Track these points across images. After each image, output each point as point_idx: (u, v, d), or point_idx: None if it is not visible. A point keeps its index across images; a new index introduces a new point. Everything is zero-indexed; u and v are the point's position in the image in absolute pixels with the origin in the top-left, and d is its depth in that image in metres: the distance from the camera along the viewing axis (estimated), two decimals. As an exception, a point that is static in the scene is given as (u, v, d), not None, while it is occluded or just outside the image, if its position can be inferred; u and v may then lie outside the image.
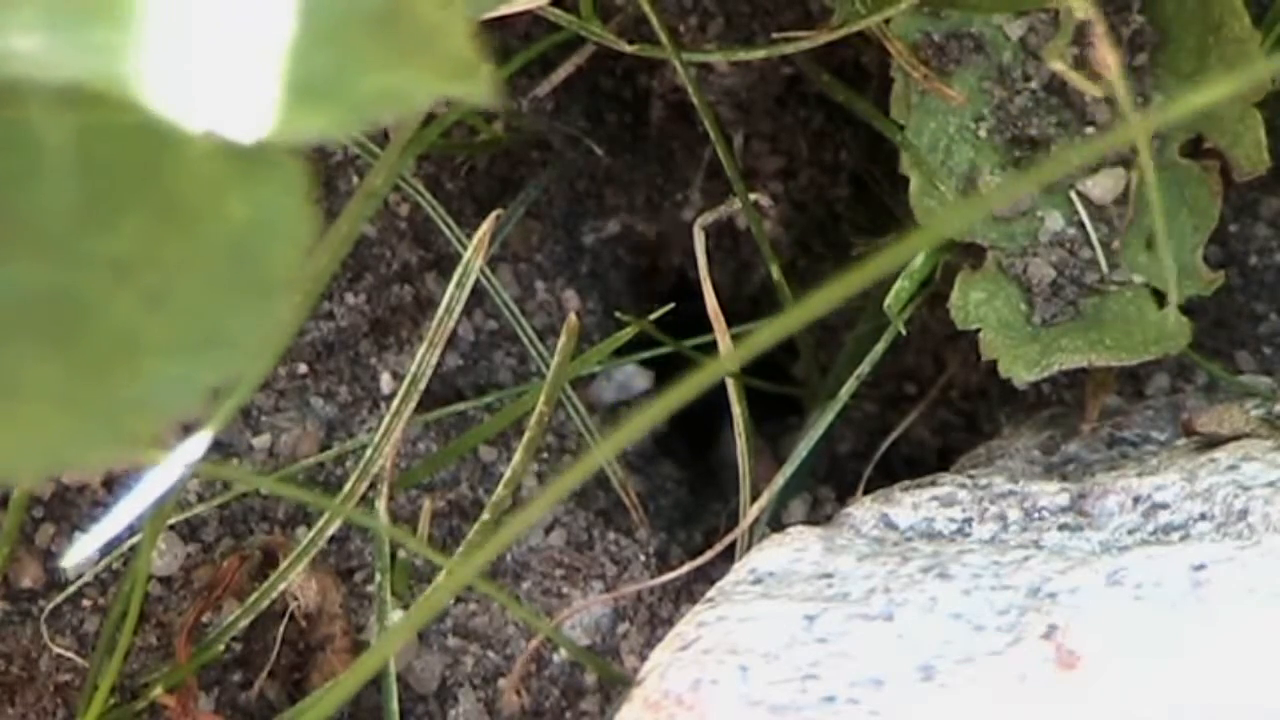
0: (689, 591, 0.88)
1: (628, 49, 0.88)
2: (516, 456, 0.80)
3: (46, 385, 0.37)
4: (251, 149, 0.36)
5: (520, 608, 0.85)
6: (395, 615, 0.80)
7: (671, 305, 0.90)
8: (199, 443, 0.63)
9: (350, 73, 0.36)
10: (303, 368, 0.90)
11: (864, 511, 0.78)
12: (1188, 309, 0.84)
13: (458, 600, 0.86)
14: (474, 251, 0.80)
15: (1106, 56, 0.59)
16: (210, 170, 0.37)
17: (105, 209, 0.37)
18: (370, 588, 0.86)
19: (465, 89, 0.37)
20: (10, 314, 0.37)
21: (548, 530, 0.90)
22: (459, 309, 0.81)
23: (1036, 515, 0.76)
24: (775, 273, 0.90)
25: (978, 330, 0.83)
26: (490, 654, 0.85)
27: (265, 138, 0.35)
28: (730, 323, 0.85)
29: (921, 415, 0.98)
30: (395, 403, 0.81)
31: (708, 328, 0.85)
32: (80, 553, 0.77)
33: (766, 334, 0.40)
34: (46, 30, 0.35)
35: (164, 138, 0.36)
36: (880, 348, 0.86)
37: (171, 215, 0.37)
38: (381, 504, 0.83)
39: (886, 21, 0.84)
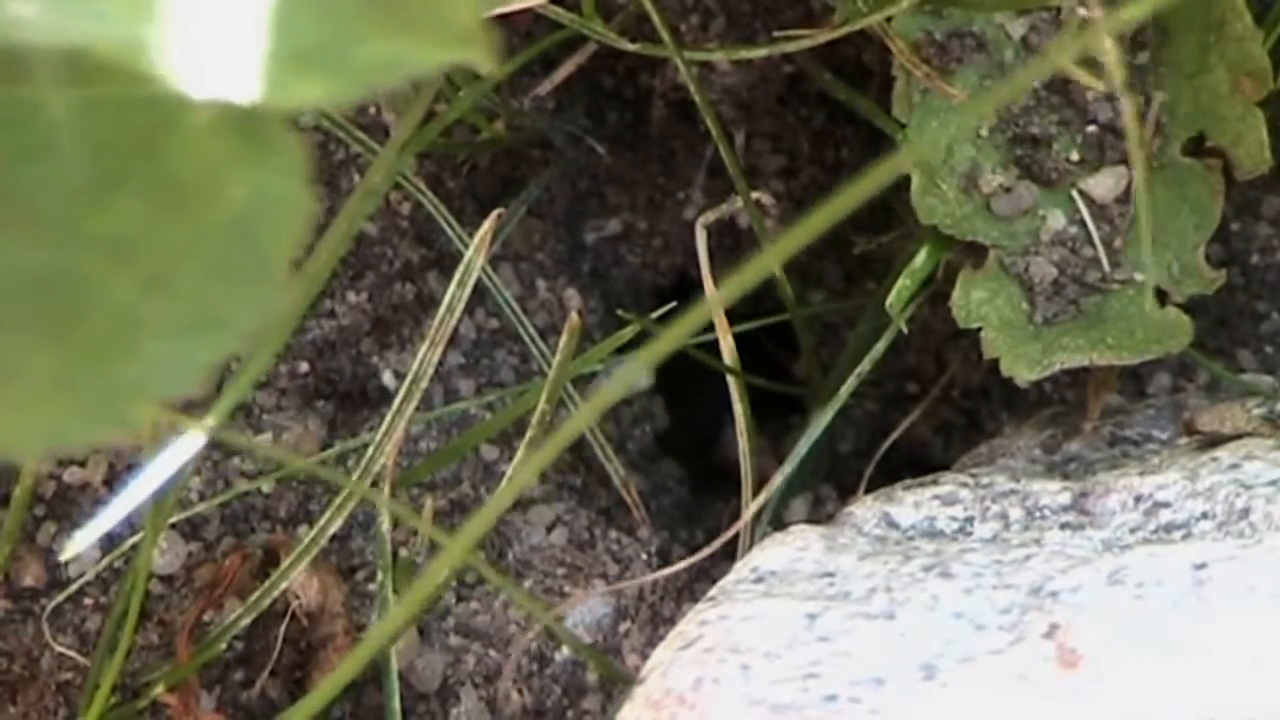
0: (690, 590, 0.88)
1: (629, 47, 0.89)
2: (518, 455, 0.80)
3: (44, 366, 0.37)
4: (252, 129, 0.36)
5: (519, 591, 0.85)
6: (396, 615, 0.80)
7: (673, 304, 0.90)
8: (200, 438, 0.63)
9: (349, 41, 0.36)
10: (304, 366, 0.91)
11: (865, 510, 0.78)
12: (1189, 308, 0.84)
13: (459, 599, 0.86)
14: (475, 250, 0.80)
15: (1105, 43, 0.59)
16: (210, 150, 0.37)
17: (104, 188, 0.37)
18: (372, 586, 0.86)
19: (465, 56, 0.37)
20: (9, 295, 0.37)
21: (549, 529, 0.90)
22: (460, 308, 0.81)
23: (1038, 514, 0.76)
24: (776, 271, 0.90)
25: (979, 329, 0.83)
26: (492, 653, 0.85)
27: (264, 107, 0.35)
28: (731, 321, 0.85)
29: (923, 414, 0.98)
30: (397, 401, 0.81)
31: (709, 326, 0.85)
32: (78, 546, 0.77)
33: (752, 271, 0.40)
34: None
35: (164, 114, 0.36)
36: (881, 346, 0.86)
37: (171, 195, 0.37)
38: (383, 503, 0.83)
39: (888, 20, 0.84)
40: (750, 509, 0.85)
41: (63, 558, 0.83)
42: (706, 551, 0.84)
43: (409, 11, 0.36)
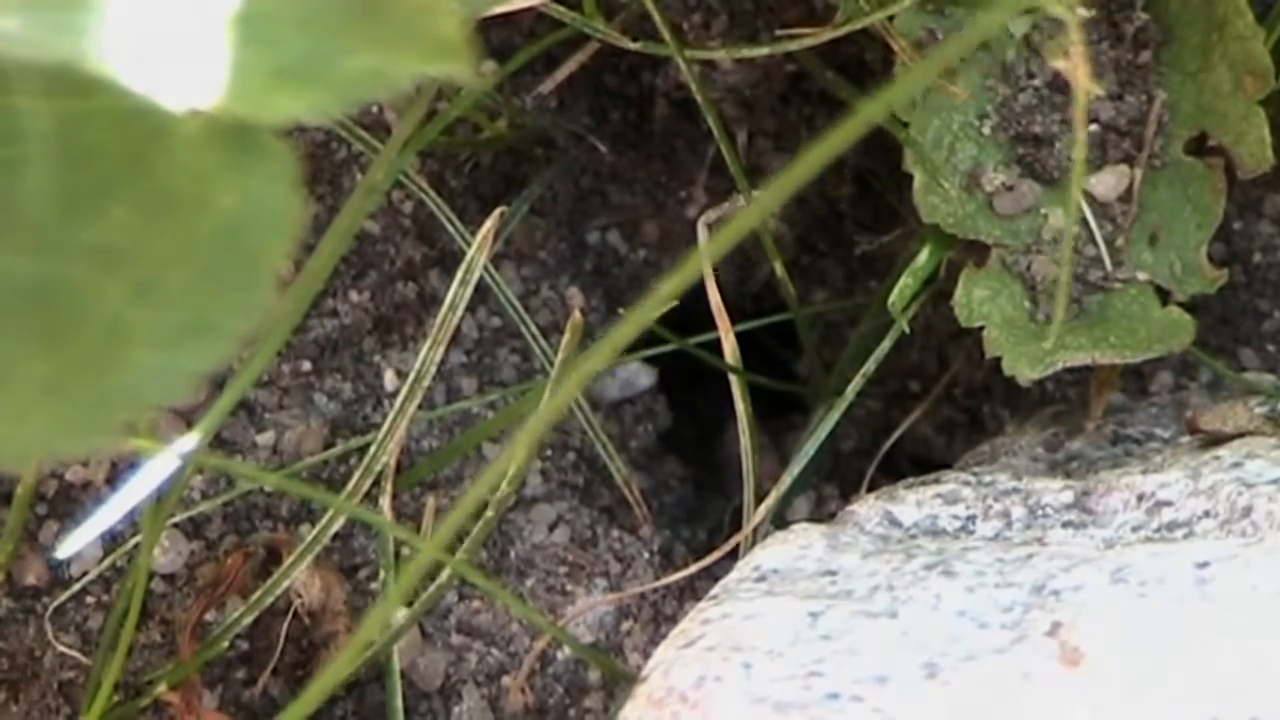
0: (693, 589, 0.88)
1: (631, 46, 0.88)
2: (520, 453, 0.80)
3: (36, 374, 0.37)
4: (241, 137, 0.36)
5: (524, 606, 0.85)
6: (399, 613, 0.81)
7: (675, 302, 0.90)
8: (198, 436, 0.63)
9: (332, 54, 0.36)
10: (306, 365, 0.90)
11: (868, 509, 0.78)
12: (1192, 306, 0.84)
13: (461, 598, 0.86)
14: (478, 248, 0.80)
15: (1077, 71, 0.59)
16: (198, 159, 0.37)
17: (92, 198, 0.37)
18: (374, 585, 0.86)
19: (448, 69, 0.37)
20: (0, 303, 0.37)
21: (552, 527, 0.90)
22: (463, 306, 0.81)
23: (1040, 513, 0.76)
24: (779, 270, 0.90)
25: (982, 328, 0.83)
26: (494, 651, 0.85)
27: (249, 121, 0.35)
28: (734, 320, 0.85)
29: (925, 413, 0.98)
30: (399, 400, 0.81)
31: (711, 325, 0.85)
32: (76, 543, 0.77)
33: (740, 224, 0.40)
34: (27, 11, 0.35)
35: (151, 125, 0.36)
36: (884, 345, 0.86)
37: (159, 204, 0.37)
38: (385, 501, 0.83)
39: (890, 18, 0.84)
40: (753, 508, 0.84)
41: (59, 556, 0.83)
42: (715, 557, 0.84)
43: (392, 24, 0.36)
